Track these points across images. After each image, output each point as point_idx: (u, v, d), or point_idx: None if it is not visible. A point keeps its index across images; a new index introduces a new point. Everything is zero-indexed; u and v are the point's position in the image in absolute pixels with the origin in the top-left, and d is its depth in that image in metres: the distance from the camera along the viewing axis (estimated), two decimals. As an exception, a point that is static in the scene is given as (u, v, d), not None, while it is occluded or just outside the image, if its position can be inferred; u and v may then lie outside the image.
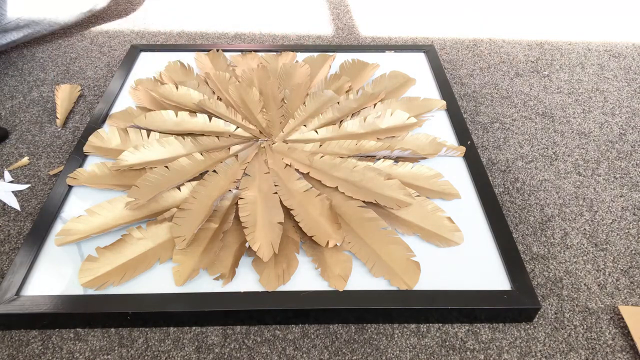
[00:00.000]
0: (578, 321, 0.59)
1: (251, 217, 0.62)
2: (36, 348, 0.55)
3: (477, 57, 1.06)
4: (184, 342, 0.56)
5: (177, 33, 1.13)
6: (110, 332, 0.56)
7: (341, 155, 0.72)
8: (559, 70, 1.02)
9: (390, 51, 0.99)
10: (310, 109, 0.80)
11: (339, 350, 0.55)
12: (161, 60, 0.94)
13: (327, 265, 0.59)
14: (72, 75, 0.98)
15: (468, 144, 0.77)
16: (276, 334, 0.57)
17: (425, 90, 0.89)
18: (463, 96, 0.94)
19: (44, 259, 0.60)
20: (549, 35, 1.14)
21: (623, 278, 0.64)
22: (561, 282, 0.63)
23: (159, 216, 0.63)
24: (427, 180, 0.70)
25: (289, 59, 0.94)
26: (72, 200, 0.67)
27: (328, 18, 1.20)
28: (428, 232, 0.63)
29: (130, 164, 0.69)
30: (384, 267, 0.59)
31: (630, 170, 0.79)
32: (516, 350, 0.56)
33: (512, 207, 0.72)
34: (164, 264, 0.59)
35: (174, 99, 0.80)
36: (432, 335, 0.57)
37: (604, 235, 0.69)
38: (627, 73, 1.02)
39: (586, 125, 0.88)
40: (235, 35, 1.12)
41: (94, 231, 0.61)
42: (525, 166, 0.79)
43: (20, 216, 0.69)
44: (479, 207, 0.68)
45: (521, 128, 0.87)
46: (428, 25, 1.17)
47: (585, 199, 0.74)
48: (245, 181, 0.68)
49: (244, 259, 0.60)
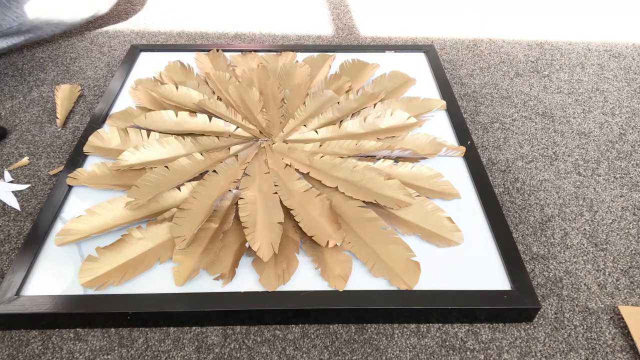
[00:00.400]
0: (578, 321, 0.59)
1: (251, 217, 0.62)
2: (36, 348, 0.55)
3: (477, 57, 1.06)
4: (184, 342, 0.56)
5: (177, 33, 1.13)
6: (110, 332, 0.56)
7: (341, 155, 0.72)
8: (559, 70, 1.02)
9: (390, 51, 0.99)
10: (310, 109, 0.80)
11: (339, 350, 0.55)
12: (161, 60, 0.94)
13: (327, 265, 0.59)
14: (72, 75, 0.98)
15: (468, 144, 0.77)
16: (276, 334, 0.57)
17: (425, 90, 0.89)
18: (463, 96, 0.94)
19: (44, 259, 0.60)
20: (549, 35, 1.14)
21: (623, 278, 0.64)
22: (561, 282, 0.63)
23: (159, 216, 0.63)
24: (427, 180, 0.70)
25: (289, 59, 0.94)
26: (72, 200, 0.67)
27: (328, 18, 1.20)
28: (428, 232, 0.63)
29: (130, 164, 0.69)
30: (384, 267, 0.59)
31: (630, 170, 0.79)
32: (516, 350, 0.56)
33: (512, 207, 0.72)
34: (164, 264, 0.59)
35: (174, 99, 0.80)
36: (432, 335, 0.57)
37: (604, 235, 0.69)
38: (627, 73, 1.02)
39: (586, 125, 0.88)
40: (235, 35, 1.12)
41: (94, 231, 0.61)
42: (525, 166, 0.79)
43: (20, 216, 0.69)
44: (479, 207, 0.68)
45: (521, 128, 0.87)
46: (428, 25, 1.17)
47: (585, 199, 0.74)
48: (245, 181, 0.68)
49: (244, 259, 0.60)
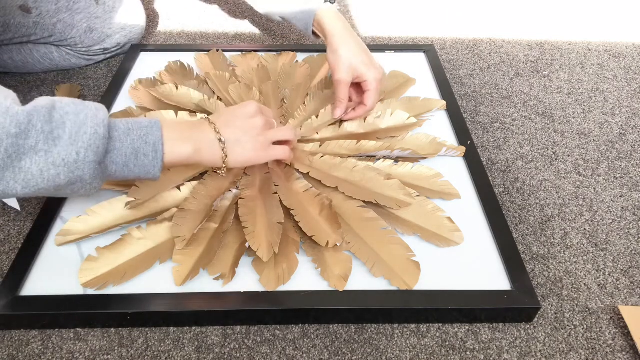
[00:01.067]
0: (578, 321, 0.59)
1: (251, 217, 0.62)
2: (36, 348, 0.55)
3: (477, 57, 1.06)
4: (184, 342, 0.56)
5: (177, 33, 1.13)
6: (110, 332, 0.56)
7: (341, 155, 0.72)
8: (559, 70, 1.03)
9: (390, 51, 0.99)
10: (310, 109, 0.80)
11: (339, 350, 0.55)
12: (161, 60, 0.94)
13: (327, 265, 0.59)
14: (72, 75, 0.98)
15: (468, 144, 0.77)
16: (276, 334, 0.57)
17: (425, 90, 0.88)
18: (463, 96, 0.94)
19: (44, 259, 0.60)
20: (549, 35, 1.14)
21: (623, 278, 0.64)
22: (561, 282, 0.63)
23: (159, 216, 0.63)
24: (427, 180, 0.70)
25: (289, 59, 0.94)
26: (72, 200, 0.67)
27: (328, 18, 1.20)
28: (428, 232, 0.63)
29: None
30: (384, 267, 0.59)
31: (630, 170, 0.79)
32: (516, 350, 0.56)
33: (512, 207, 0.72)
34: (164, 264, 0.59)
35: (174, 99, 0.80)
36: (432, 335, 0.57)
37: (604, 235, 0.69)
38: (627, 73, 1.02)
39: (586, 125, 0.88)
40: (235, 35, 1.12)
41: (94, 231, 0.61)
42: (525, 166, 0.79)
43: (20, 216, 0.69)
44: (479, 207, 0.68)
45: (521, 128, 0.87)
46: (428, 25, 1.17)
47: (585, 199, 0.74)
48: (245, 181, 0.68)
49: (244, 259, 0.60)
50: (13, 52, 0.93)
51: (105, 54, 0.99)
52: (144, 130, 0.52)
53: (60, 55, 0.95)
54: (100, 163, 0.48)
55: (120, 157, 0.50)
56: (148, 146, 0.51)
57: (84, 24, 0.94)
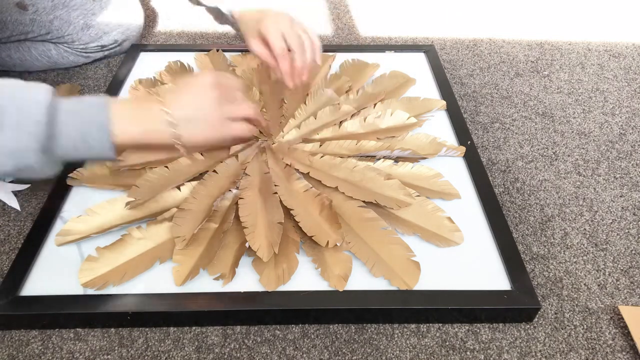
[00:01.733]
0: (578, 321, 0.59)
1: (251, 217, 0.62)
2: (36, 348, 0.55)
3: (477, 57, 1.06)
4: (184, 342, 0.56)
5: (177, 33, 1.13)
6: (110, 332, 0.56)
7: (341, 155, 0.72)
8: (559, 70, 1.03)
9: (390, 51, 0.99)
10: (310, 109, 0.80)
11: (339, 350, 0.55)
12: (161, 60, 0.94)
13: (327, 265, 0.59)
14: (72, 75, 0.98)
15: (468, 144, 0.77)
16: (276, 334, 0.57)
17: (425, 90, 0.88)
18: (463, 96, 0.94)
19: (44, 259, 0.60)
20: (549, 35, 1.14)
21: (623, 278, 0.64)
22: (561, 282, 0.63)
23: (159, 216, 0.63)
24: (427, 180, 0.70)
25: (289, 59, 0.94)
26: (72, 200, 0.67)
27: (328, 18, 1.20)
28: (428, 232, 0.63)
29: (130, 164, 0.69)
30: (384, 267, 0.59)
31: (630, 170, 0.79)
32: (516, 350, 0.56)
33: (512, 207, 0.72)
34: (164, 264, 0.59)
35: (174, 99, 0.80)
36: (432, 335, 0.57)
37: (604, 235, 0.69)
38: (627, 73, 1.02)
39: (586, 125, 0.88)
40: (235, 35, 1.12)
41: (94, 231, 0.61)
42: (525, 166, 0.79)
43: (20, 216, 0.69)
44: (479, 207, 0.68)
45: (521, 128, 0.87)
46: (428, 25, 1.17)
47: (585, 199, 0.74)
48: (245, 181, 0.68)
49: (244, 259, 0.60)
50: (11, 49, 0.93)
51: (103, 51, 0.99)
52: (92, 110, 0.49)
53: (58, 52, 0.95)
54: (45, 150, 0.47)
55: (67, 140, 0.48)
56: (95, 128, 0.49)
57: (81, 20, 0.94)
